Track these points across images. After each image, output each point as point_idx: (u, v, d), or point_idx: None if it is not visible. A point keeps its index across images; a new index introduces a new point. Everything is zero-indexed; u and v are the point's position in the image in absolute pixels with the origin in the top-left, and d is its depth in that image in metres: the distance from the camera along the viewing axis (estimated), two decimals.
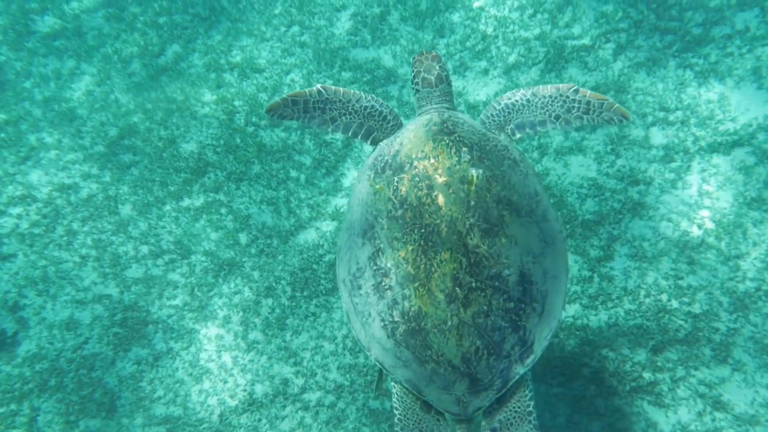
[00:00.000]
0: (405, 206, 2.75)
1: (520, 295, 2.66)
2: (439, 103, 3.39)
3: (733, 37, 5.61)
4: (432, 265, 2.61)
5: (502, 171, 2.84)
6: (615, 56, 5.89)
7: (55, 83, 6.55)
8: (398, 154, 2.93)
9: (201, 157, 5.95)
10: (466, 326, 2.59)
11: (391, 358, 2.74)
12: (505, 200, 2.75)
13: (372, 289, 2.77)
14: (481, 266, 2.62)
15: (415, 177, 2.78)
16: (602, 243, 5.02)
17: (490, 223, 2.68)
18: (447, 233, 2.64)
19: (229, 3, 7.07)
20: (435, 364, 2.63)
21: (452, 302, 2.59)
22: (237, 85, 6.42)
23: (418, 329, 2.64)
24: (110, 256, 5.44)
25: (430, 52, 3.48)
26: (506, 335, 2.63)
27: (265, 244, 5.57)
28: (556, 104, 3.30)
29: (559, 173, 5.44)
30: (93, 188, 5.80)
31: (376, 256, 2.77)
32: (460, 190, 2.72)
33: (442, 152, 2.83)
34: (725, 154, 5.14)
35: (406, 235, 2.70)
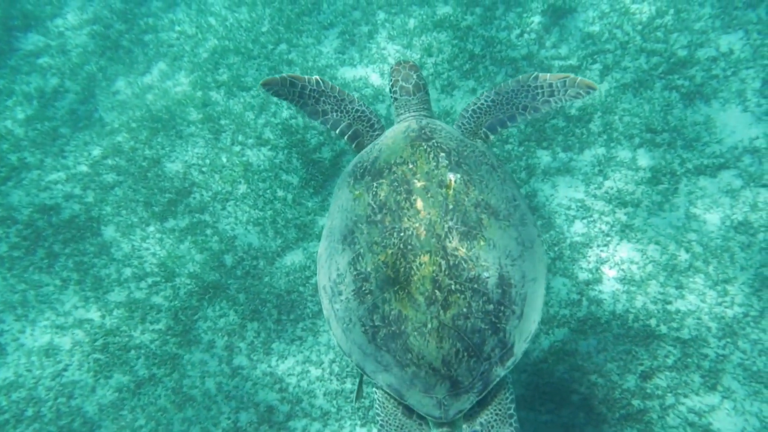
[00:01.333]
0: (384, 210, 2.77)
1: (499, 297, 2.67)
2: (417, 111, 3.43)
3: (718, 59, 5.65)
4: (411, 269, 2.63)
5: (480, 175, 2.88)
6: (602, 77, 5.90)
7: (38, 101, 6.45)
8: (377, 160, 2.96)
9: (186, 176, 5.87)
10: (446, 328, 2.60)
11: (371, 362, 2.75)
12: (483, 204, 2.79)
13: (352, 295, 2.77)
14: (460, 269, 2.64)
15: (394, 182, 2.82)
16: (591, 266, 5.00)
17: (468, 226, 2.71)
18: (426, 236, 2.66)
19: (216, 20, 7.02)
20: (416, 368, 2.64)
21: (432, 305, 2.61)
22: (223, 104, 6.36)
23: (399, 332, 2.65)
24: (92, 279, 5.33)
25: (407, 62, 3.53)
26: (486, 337, 2.65)
27: (251, 266, 5.49)
28: (520, 96, 3.36)
29: (547, 194, 5.43)
30: (75, 209, 5.69)
31: (356, 261, 2.78)
32: (439, 194, 2.75)
33: (421, 157, 2.86)
34: (712, 177, 5.15)
35: (385, 239, 2.72)
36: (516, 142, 5.72)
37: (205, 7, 7.15)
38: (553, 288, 4.97)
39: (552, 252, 5.13)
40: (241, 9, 7.10)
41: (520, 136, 5.73)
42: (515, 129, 5.77)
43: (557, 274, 5.05)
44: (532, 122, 5.76)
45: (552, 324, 4.83)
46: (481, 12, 6.63)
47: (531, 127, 5.74)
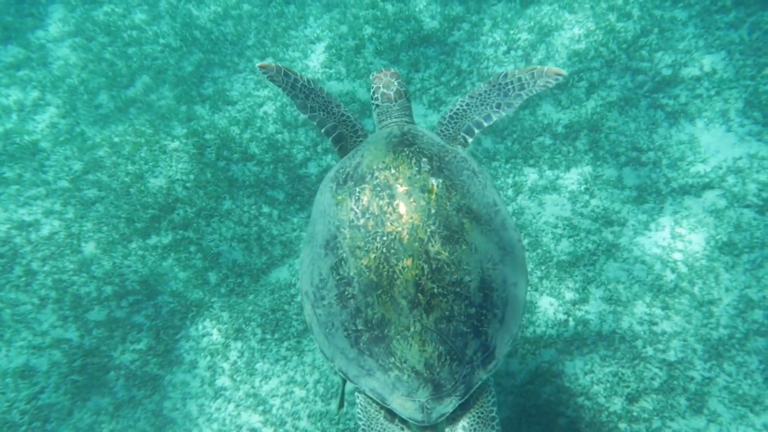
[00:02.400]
0: (367, 215, 2.78)
1: (481, 300, 2.70)
2: (399, 117, 3.47)
3: (702, 78, 5.70)
4: (394, 272, 2.64)
5: (462, 181, 2.91)
6: (588, 95, 5.93)
7: (18, 115, 6.32)
8: (360, 166, 2.97)
9: (170, 192, 5.78)
10: (429, 332, 2.61)
11: (354, 367, 2.76)
12: (464, 208, 2.81)
13: (335, 299, 2.78)
14: (442, 272, 2.65)
15: (377, 187, 2.83)
16: (577, 285, 4.99)
17: (450, 231, 2.73)
18: (409, 240, 2.68)
19: (201, 33, 6.95)
20: (398, 371, 2.65)
21: (415, 308, 2.62)
22: (208, 118, 6.28)
23: (382, 336, 2.66)
24: (71, 297, 5.21)
25: (389, 69, 3.58)
26: (468, 341, 2.67)
27: (236, 283, 5.41)
28: (493, 95, 3.45)
29: (533, 212, 5.42)
30: (55, 225, 5.57)
31: (338, 266, 2.79)
32: (421, 199, 2.77)
33: (403, 162, 2.88)
34: (696, 197, 5.17)
35: (368, 244, 2.73)
36: (503, 159, 5.72)
37: (190, 20, 7.07)
38: (539, 307, 4.95)
39: (539, 271, 5.12)
40: (226, 22, 7.04)
41: (507, 153, 5.73)
42: (503, 146, 5.77)
43: (544, 293, 5.03)
44: (518, 140, 5.77)
45: (539, 344, 4.80)
46: (468, 28, 6.64)
47: (518, 144, 5.74)
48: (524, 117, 5.91)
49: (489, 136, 5.88)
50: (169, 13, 7.17)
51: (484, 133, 5.88)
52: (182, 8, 7.20)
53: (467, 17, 6.73)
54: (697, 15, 6.01)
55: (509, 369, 4.78)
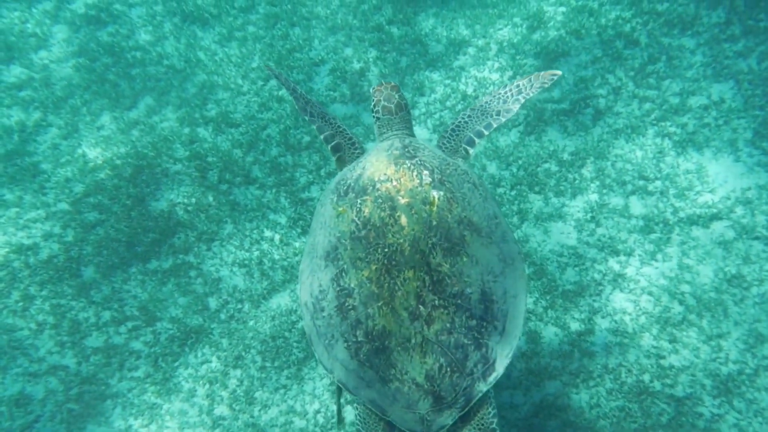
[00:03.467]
0: (368, 227, 2.80)
1: (482, 313, 2.71)
2: (399, 130, 3.51)
3: (710, 107, 5.65)
4: (396, 284, 2.65)
5: (462, 193, 2.93)
6: (594, 121, 5.89)
7: (19, 136, 6.28)
8: (361, 177, 2.99)
9: (171, 216, 5.73)
10: (430, 344, 2.62)
11: (354, 379, 2.75)
12: (465, 221, 2.83)
13: (335, 311, 2.78)
14: (443, 284, 2.67)
15: (378, 198, 2.84)
16: (583, 316, 4.91)
17: (451, 243, 2.75)
18: (410, 252, 2.69)
19: (205, 55, 6.94)
20: (399, 383, 2.64)
21: (416, 320, 2.62)
22: (211, 141, 6.24)
23: (382, 348, 2.65)
24: (69, 323, 5.13)
25: (389, 83, 3.63)
26: (469, 352, 2.67)
27: (236, 309, 5.33)
28: (493, 105, 3.63)
29: (538, 240, 5.35)
30: (54, 249, 5.50)
31: (339, 277, 2.80)
32: (423, 211, 2.78)
33: (404, 174, 2.90)
34: (704, 227, 5.10)
35: (369, 255, 2.74)
36: (508, 186, 5.66)
37: (194, 41, 7.06)
38: (544, 338, 4.86)
39: (544, 301, 5.04)
40: (231, 44, 7.03)
41: (512, 179, 5.67)
42: (508, 173, 5.71)
43: (549, 323, 4.94)
44: (524, 166, 5.71)
45: (543, 376, 4.71)
46: (474, 52, 6.62)
47: (523, 171, 5.69)
48: (529, 143, 5.86)
49: (494, 162, 5.83)
50: (173, 34, 7.16)
51: (490, 159, 5.84)
52: (187, 29, 7.20)
53: (473, 41, 6.71)
54: (706, 43, 5.98)
55: (513, 401, 4.68)
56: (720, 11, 6.13)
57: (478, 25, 6.82)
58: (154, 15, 7.28)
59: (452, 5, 7.14)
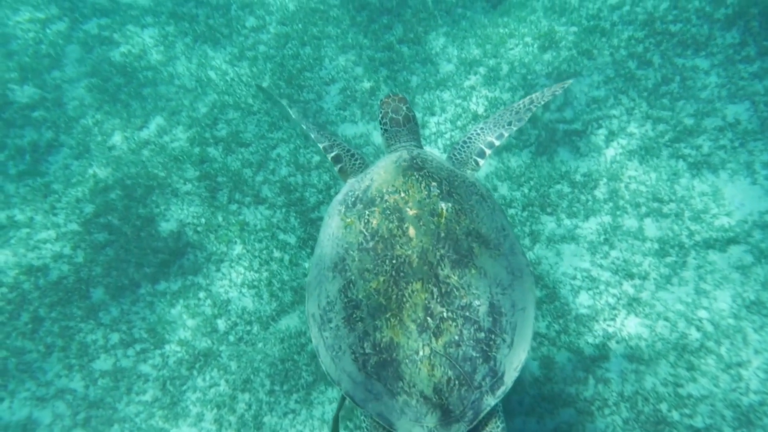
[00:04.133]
0: (376, 238, 2.79)
1: (490, 325, 2.68)
2: (407, 141, 3.53)
3: (725, 129, 5.57)
4: (403, 296, 2.63)
5: (471, 205, 2.93)
6: (607, 142, 5.82)
7: (31, 156, 6.30)
8: (369, 189, 2.99)
9: (180, 236, 5.70)
10: (438, 356, 2.58)
11: (362, 391, 2.71)
12: (474, 233, 2.82)
13: (342, 322, 2.76)
14: (452, 296, 2.64)
15: (386, 210, 2.84)
16: (597, 341, 4.81)
17: (460, 255, 2.73)
18: (418, 264, 2.68)
19: (216, 74, 6.96)
20: (407, 396, 2.61)
21: (424, 332, 2.59)
22: (221, 160, 6.23)
23: (390, 360, 2.62)
24: (77, 345, 5.10)
25: (396, 95, 3.67)
26: (477, 366, 2.64)
27: (245, 331, 5.28)
28: (505, 117, 3.71)
29: (551, 262, 5.27)
30: (64, 270, 5.48)
31: (347, 289, 2.78)
32: (431, 222, 2.78)
33: (413, 186, 2.91)
34: (721, 251, 5.01)
35: (377, 267, 2.73)
36: (519, 207, 5.59)
37: (205, 61, 7.09)
38: (557, 363, 4.77)
39: (557, 324, 4.95)
40: (242, 63, 7.05)
41: (524, 200, 5.61)
42: (519, 193, 5.65)
43: (562, 348, 4.85)
44: (535, 187, 5.65)
45: (557, 403, 4.61)
46: (485, 72, 6.60)
47: (535, 192, 5.62)
48: (541, 164, 5.81)
49: (505, 183, 5.77)
50: (185, 53, 7.20)
51: (501, 179, 5.78)
52: (198, 49, 7.23)
53: (484, 61, 6.69)
54: (720, 64, 5.92)
55: (526, 429, 4.58)
56: (734, 32, 6.08)
57: (489, 45, 6.80)
58: (166, 35, 7.33)
59: (463, 24, 7.14)
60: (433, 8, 7.35)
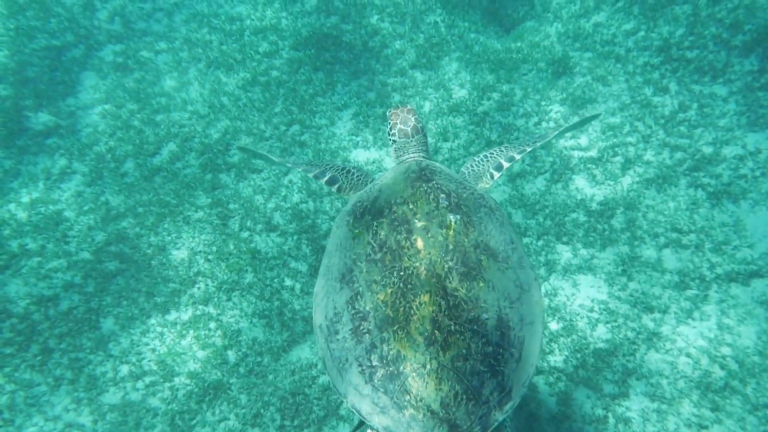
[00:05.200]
0: (384, 249, 2.79)
1: (498, 339, 2.66)
2: (416, 152, 3.54)
3: (745, 158, 5.46)
4: (411, 308, 2.61)
5: (479, 217, 2.93)
6: (623, 170, 5.73)
7: (44, 183, 6.31)
8: (377, 200, 3.00)
9: (191, 265, 5.66)
10: (446, 370, 2.55)
11: (368, 404, 2.65)
12: (482, 245, 2.82)
13: (349, 334, 2.74)
14: (460, 309, 2.62)
15: (395, 221, 2.85)
16: (616, 377, 4.67)
17: (468, 267, 2.72)
18: (426, 276, 2.66)
19: (229, 100, 6.96)
20: (414, 410, 2.55)
21: (431, 345, 2.56)
22: (233, 187, 6.20)
23: (397, 373, 2.59)
24: (86, 378, 5.04)
25: (405, 106, 3.67)
26: (485, 380, 2.60)
27: (255, 363, 5.19)
28: (530, 137, 3.78)
29: (567, 293, 5.16)
30: (74, 300, 5.45)
31: (354, 300, 2.77)
32: (439, 234, 2.78)
33: (421, 198, 2.91)
34: (744, 285, 4.87)
35: (385, 278, 2.72)
36: (534, 236, 5.50)
37: (218, 87, 7.10)
38: (575, 400, 4.64)
39: (574, 359, 4.82)
40: (254, 89, 7.05)
41: (539, 229, 5.51)
42: (534, 222, 5.56)
43: (580, 384, 4.72)
44: (551, 215, 5.55)
45: None
46: (498, 98, 6.54)
47: (550, 220, 5.53)
48: (556, 192, 5.72)
49: (520, 210, 5.68)
50: (198, 79, 7.22)
51: (515, 207, 5.70)
52: (211, 75, 7.25)
53: (497, 86, 6.64)
54: (739, 91, 5.82)
55: None
56: (753, 59, 5.99)
57: (502, 70, 6.76)
58: (179, 61, 7.36)
59: (476, 49, 7.11)
60: (446, 33, 7.33)
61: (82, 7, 7.84)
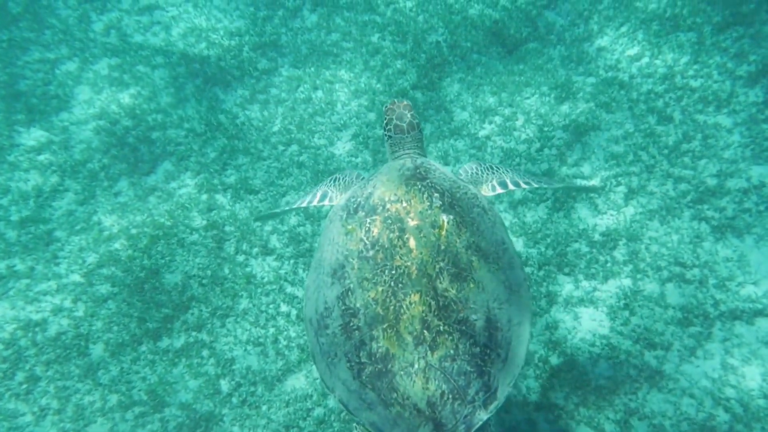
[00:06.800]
0: (377, 247, 2.82)
1: (485, 340, 2.71)
2: (411, 149, 3.53)
3: (750, 191, 5.39)
4: (401, 307, 2.66)
5: (472, 218, 2.95)
6: (626, 200, 5.65)
7: (35, 201, 6.16)
8: (371, 197, 3.01)
9: (185, 289, 5.52)
10: (433, 370, 2.61)
11: (355, 399, 2.72)
12: (474, 246, 2.85)
13: (339, 329, 2.78)
14: (449, 310, 2.67)
15: (388, 219, 2.87)
16: (618, 416, 4.58)
17: (459, 268, 2.76)
18: (417, 276, 2.71)
19: (226, 118, 6.84)
20: (400, 408, 2.61)
21: (420, 345, 2.62)
22: (229, 208, 6.07)
23: (385, 371, 2.64)
24: (73, 407, 4.88)
25: (401, 101, 3.66)
26: (471, 380, 2.66)
27: (249, 393, 5.06)
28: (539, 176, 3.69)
29: (569, 327, 5.07)
30: (63, 325, 5.30)
31: (345, 296, 2.81)
32: (431, 234, 2.81)
33: (415, 196, 2.93)
34: (749, 324, 4.79)
35: (376, 276, 2.75)
36: (536, 266, 5.40)
37: (215, 104, 6.98)
38: None
39: (575, 396, 4.72)
40: (252, 106, 6.94)
41: (540, 259, 5.42)
42: (535, 251, 5.46)
43: (581, 422, 4.62)
44: (552, 245, 5.46)
45: None
46: (500, 122, 6.46)
47: (551, 250, 5.44)
48: (558, 220, 5.63)
49: (521, 239, 5.59)
50: (195, 96, 7.09)
51: (516, 235, 5.61)
52: (208, 91, 7.13)
53: (499, 110, 6.56)
54: (743, 123, 5.76)
55: None
56: (758, 90, 5.93)
57: (504, 93, 6.68)
58: (176, 77, 7.23)
59: (478, 71, 7.02)
60: (448, 54, 7.25)
61: (77, 19, 7.70)
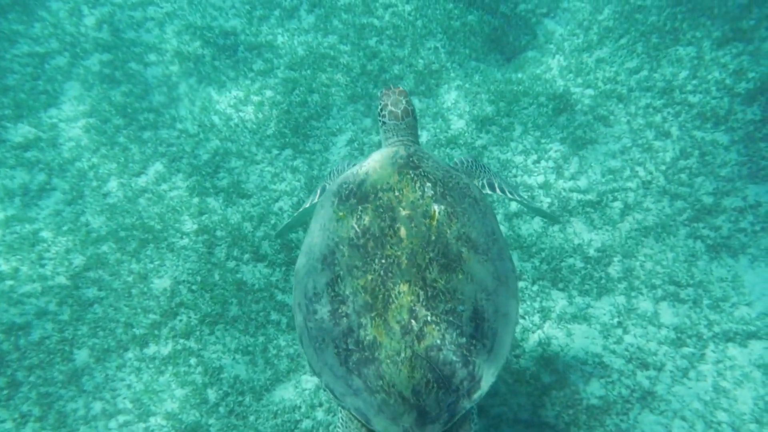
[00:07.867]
0: (367, 236, 2.83)
1: (472, 331, 2.74)
2: (405, 137, 3.52)
3: (745, 211, 5.38)
4: (390, 296, 2.69)
5: (463, 208, 2.97)
6: (622, 216, 5.62)
7: (21, 200, 6.00)
8: (363, 184, 3.00)
9: (174, 295, 5.42)
10: (419, 359, 2.64)
11: (342, 385, 2.77)
12: (464, 237, 2.87)
13: (328, 315, 2.81)
14: (437, 300, 2.70)
15: (379, 208, 2.88)
16: None
17: (448, 259, 2.79)
18: (407, 265, 2.73)
19: (220, 119, 6.72)
20: (385, 395, 2.66)
21: (407, 334, 2.65)
22: (221, 213, 5.97)
23: (372, 359, 2.68)
24: (56, 414, 4.77)
25: (397, 87, 3.64)
26: (456, 370, 2.69)
27: (236, 403, 4.97)
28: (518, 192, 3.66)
29: (561, 343, 5.03)
30: (48, 329, 5.17)
31: (334, 283, 2.83)
32: (422, 224, 2.84)
33: (407, 185, 2.94)
34: (741, 346, 4.78)
35: (366, 264, 2.78)
36: (530, 280, 5.36)
37: (209, 105, 6.86)
38: None
39: (566, 415, 4.69)
40: (247, 108, 6.82)
41: (534, 273, 5.38)
42: (530, 265, 5.42)
43: None
44: (547, 259, 5.42)
45: None
46: (497, 132, 6.40)
47: (546, 265, 5.40)
48: (553, 234, 5.59)
49: (515, 252, 5.54)
50: (188, 95, 6.96)
51: (511, 248, 5.55)
52: (202, 91, 7.00)
53: (497, 119, 6.50)
54: (740, 141, 5.75)
55: None
56: (756, 108, 5.92)
57: (502, 102, 6.62)
58: (169, 75, 7.09)
59: (476, 78, 6.96)
60: (446, 60, 7.18)
61: (68, 12, 7.52)
